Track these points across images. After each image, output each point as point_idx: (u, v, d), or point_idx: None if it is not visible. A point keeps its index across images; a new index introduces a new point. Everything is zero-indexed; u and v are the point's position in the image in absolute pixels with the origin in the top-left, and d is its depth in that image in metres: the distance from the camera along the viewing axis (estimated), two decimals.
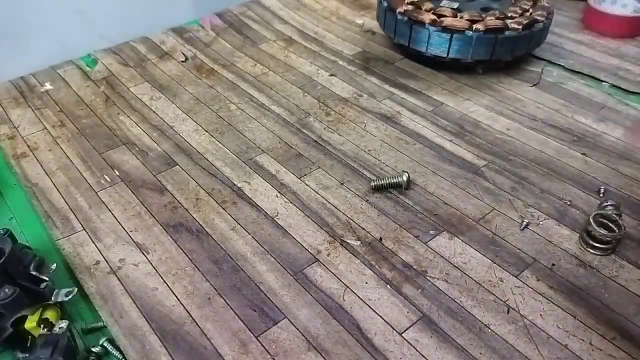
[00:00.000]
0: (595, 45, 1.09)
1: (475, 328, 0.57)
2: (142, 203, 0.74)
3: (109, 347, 0.56)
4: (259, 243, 0.67)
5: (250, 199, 0.74)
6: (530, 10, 1.00)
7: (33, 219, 0.72)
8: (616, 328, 0.57)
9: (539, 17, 0.97)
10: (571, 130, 0.84)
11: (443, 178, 0.76)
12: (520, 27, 0.93)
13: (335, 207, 0.72)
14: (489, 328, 0.57)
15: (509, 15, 0.97)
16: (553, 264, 0.63)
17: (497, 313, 0.58)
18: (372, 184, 0.73)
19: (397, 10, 1.00)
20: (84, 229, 0.70)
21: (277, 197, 0.74)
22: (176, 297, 0.61)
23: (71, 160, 0.82)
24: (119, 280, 0.63)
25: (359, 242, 0.67)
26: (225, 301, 0.61)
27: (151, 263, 0.65)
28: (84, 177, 0.79)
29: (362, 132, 0.86)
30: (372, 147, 0.83)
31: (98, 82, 1.01)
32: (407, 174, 0.71)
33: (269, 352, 0.55)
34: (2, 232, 0.58)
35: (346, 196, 0.74)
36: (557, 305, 0.59)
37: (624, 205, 0.70)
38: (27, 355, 0.54)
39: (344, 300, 0.60)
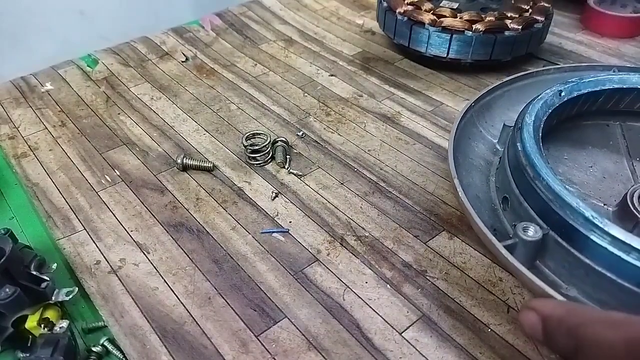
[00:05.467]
0: (594, 45, 1.10)
1: (475, 327, 0.57)
2: (142, 203, 0.74)
3: (110, 347, 0.56)
4: (259, 243, 0.68)
5: (251, 198, 0.74)
6: (530, 11, 1.00)
7: (34, 219, 0.72)
8: None
9: (538, 18, 0.97)
10: None
11: (442, 178, 0.76)
12: (520, 27, 0.94)
13: (336, 207, 0.72)
14: (489, 327, 0.57)
15: (509, 15, 0.97)
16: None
17: (496, 312, 0.59)
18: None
19: (397, 11, 1.00)
20: (85, 228, 0.70)
21: (278, 197, 0.74)
22: (177, 296, 0.61)
23: (72, 160, 0.82)
24: (120, 280, 0.63)
25: (359, 241, 0.67)
26: (226, 301, 0.61)
27: (152, 263, 0.65)
28: (84, 177, 0.79)
29: (362, 132, 0.86)
30: (372, 147, 0.83)
31: (98, 82, 1.01)
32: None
33: (269, 352, 0.56)
34: (2, 232, 0.58)
35: (346, 196, 0.74)
36: None
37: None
38: (28, 354, 0.54)
39: (344, 299, 0.61)
